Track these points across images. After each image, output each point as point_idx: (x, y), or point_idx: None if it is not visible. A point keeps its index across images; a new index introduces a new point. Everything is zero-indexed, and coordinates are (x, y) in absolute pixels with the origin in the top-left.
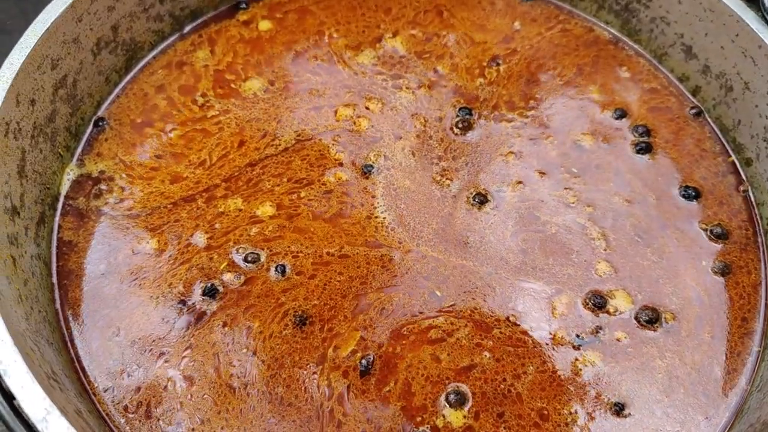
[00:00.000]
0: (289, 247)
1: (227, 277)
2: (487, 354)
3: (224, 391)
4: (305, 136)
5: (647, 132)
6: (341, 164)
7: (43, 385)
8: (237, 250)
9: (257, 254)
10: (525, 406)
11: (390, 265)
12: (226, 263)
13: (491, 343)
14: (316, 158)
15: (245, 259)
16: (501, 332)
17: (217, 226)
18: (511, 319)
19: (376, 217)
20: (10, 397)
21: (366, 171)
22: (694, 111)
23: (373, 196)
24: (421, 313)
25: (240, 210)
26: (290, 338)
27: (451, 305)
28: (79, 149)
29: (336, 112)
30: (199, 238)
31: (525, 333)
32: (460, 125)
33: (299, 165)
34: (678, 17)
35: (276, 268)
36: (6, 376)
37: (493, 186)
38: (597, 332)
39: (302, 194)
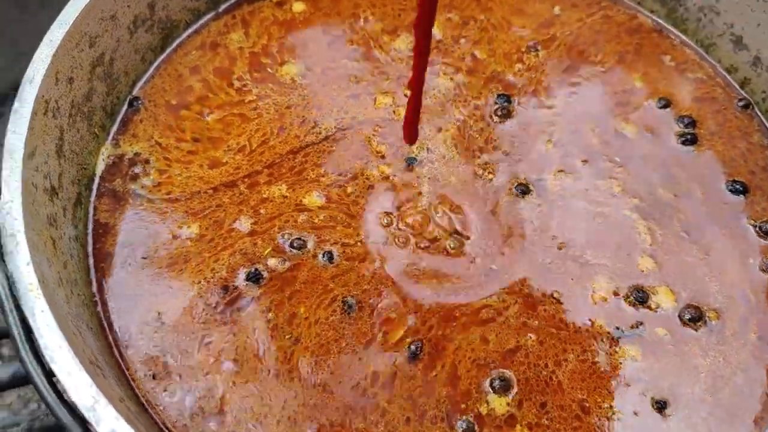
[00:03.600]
0: (338, 236)
1: (272, 262)
2: (532, 336)
3: (267, 377)
4: (345, 125)
5: (692, 123)
6: (383, 156)
7: (89, 371)
8: (283, 236)
9: (304, 240)
10: (566, 396)
11: (439, 254)
12: (270, 248)
13: (536, 322)
14: (358, 149)
15: (291, 245)
16: (545, 310)
17: (262, 211)
18: (555, 295)
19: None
20: (53, 384)
21: (409, 163)
22: (742, 103)
23: (420, 193)
24: (473, 291)
25: (285, 197)
26: (337, 324)
27: (500, 281)
28: (114, 129)
29: (375, 100)
30: (243, 224)
31: (567, 314)
32: (499, 113)
33: (341, 156)
34: (728, 7)
35: (323, 254)
36: (53, 362)
37: (534, 175)
38: (637, 326)
39: (349, 190)
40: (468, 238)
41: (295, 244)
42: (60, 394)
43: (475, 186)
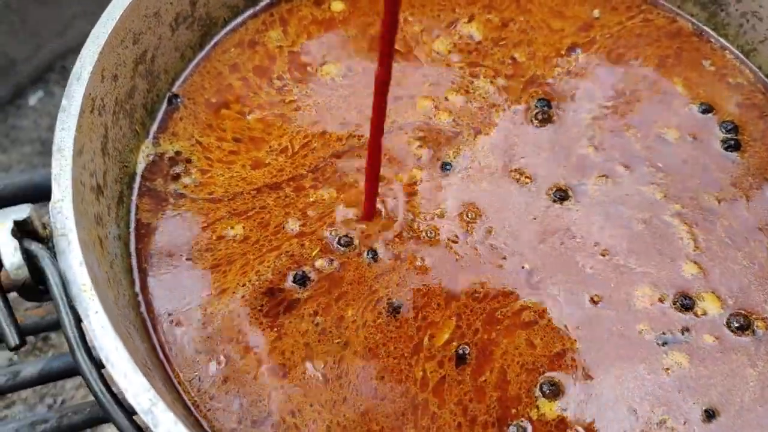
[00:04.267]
0: (379, 236)
1: (319, 263)
2: (575, 339)
3: (316, 383)
4: (386, 129)
5: (735, 129)
6: (420, 158)
7: (144, 373)
8: (330, 233)
9: (350, 237)
10: (616, 401)
11: (476, 257)
12: (318, 249)
13: (578, 329)
14: (397, 153)
15: (339, 242)
16: (586, 315)
17: (310, 213)
18: (595, 299)
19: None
20: (107, 385)
21: (445, 169)
22: None
23: (452, 197)
24: (512, 293)
25: (334, 199)
26: (384, 327)
27: (538, 283)
28: (155, 127)
29: (416, 103)
30: (291, 225)
31: (612, 319)
32: (539, 117)
33: (383, 162)
34: None
35: (367, 252)
36: (108, 363)
37: (573, 180)
38: (684, 333)
39: (388, 194)
40: (504, 243)
41: (342, 241)
42: (115, 396)
43: (510, 190)
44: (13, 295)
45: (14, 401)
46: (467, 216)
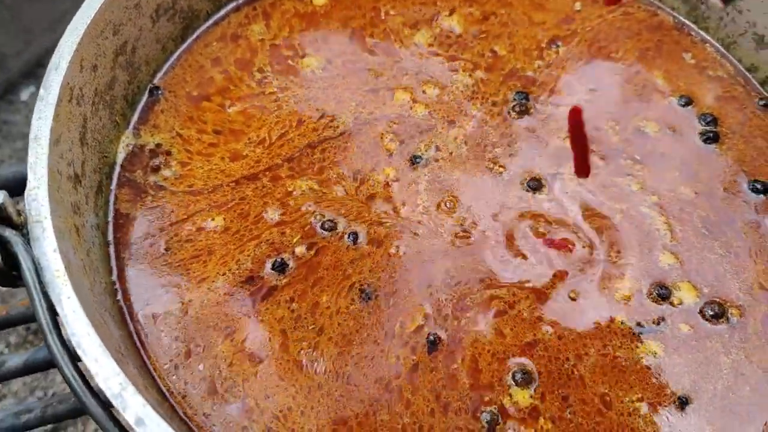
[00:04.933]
0: (368, 220)
1: (299, 250)
2: (549, 329)
3: (291, 368)
4: (362, 120)
5: (714, 121)
6: (391, 155)
7: (116, 358)
8: (315, 217)
9: (335, 222)
10: (588, 390)
11: (447, 245)
12: (299, 236)
13: (552, 318)
14: (370, 146)
15: (322, 227)
16: (561, 307)
17: (291, 203)
18: (571, 295)
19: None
20: (79, 370)
21: (414, 162)
22: (762, 102)
23: (417, 192)
24: (482, 281)
25: (312, 189)
26: (357, 314)
27: (511, 278)
28: (135, 118)
29: (393, 95)
30: (270, 215)
31: (587, 309)
32: (516, 109)
33: (355, 154)
34: (752, 5)
35: (349, 235)
36: (79, 348)
37: (549, 171)
38: (659, 322)
39: (362, 185)
40: (474, 228)
41: (326, 226)
42: (86, 380)
43: (485, 179)
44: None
45: (5, 395)
46: (445, 206)
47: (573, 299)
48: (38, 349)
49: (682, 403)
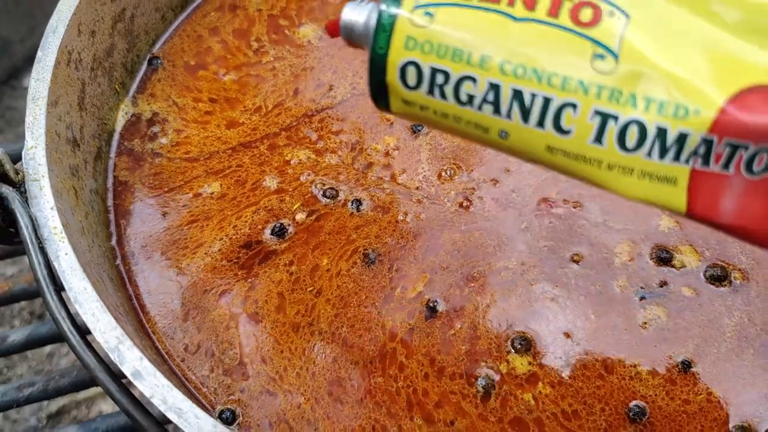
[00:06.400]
0: (369, 187)
1: (299, 216)
2: (552, 297)
3: (287, 330)
4: (359, 90)
5: None
6: (391, 124)
7: (114, 316)
8: (315, 185)
9: (336, 190)
10: (589, 355)
11: (449, 214)
12: (299, 203)
13: (556, 287)
14: (369, 116)
15: (324, 194)
16: (566, 273)
17: (289, 171)
18: (575, 258)
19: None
20: (77, 326)
21: (415, 130)
22: None
23: (419, 160)
24: (488, 251)
25: (310, 159)
26: (357, 277)
27: (519, 246)
28: (134, 87)
29: None
30: (268, 183)
31: (589, 276)
32: None
33: (354, 123)
34: None
35: (352, 202)
36: (77, 303)
37: None
38: (662, 286)
39: (362, 155)
40: (478, 196)
41: (328, 194)
42: (85, 338)
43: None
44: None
45: (10, 378)
46: (446, 173)
47: (578, 262)
48: (40, 324)
49: (685, 367)
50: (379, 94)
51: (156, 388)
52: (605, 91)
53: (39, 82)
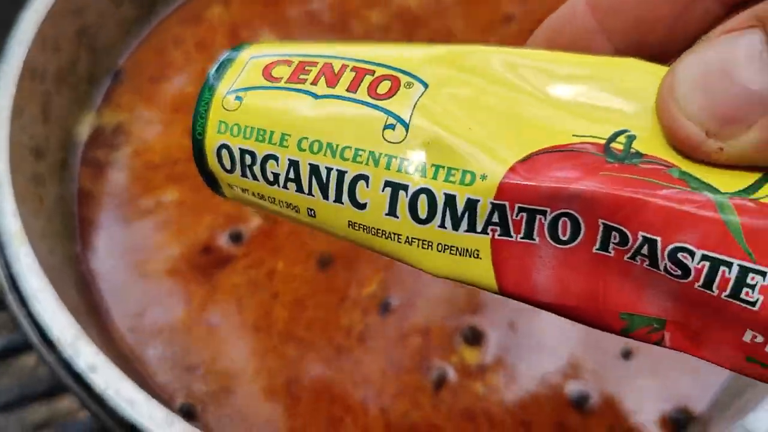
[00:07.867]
0: None
1: (256, 222)
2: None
3: (246, 334)
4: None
5: None
6: None
7: (74, 315)
8: None
9: None
10: (538, 345)
11: None
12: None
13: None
14: None
15: None
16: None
17: None
18: None
19: None
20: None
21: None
22: None
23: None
24: None
25: None
26: (312, 279)
27: None
28: (99, 99)
29: None
30: None
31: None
32: None
33: None
34: None
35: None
36: (36, 301)
37: None
38: None
39: None
40: None
41: None
42: (46, 337)
43: None
44: None
45: None
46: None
47: None
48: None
49: (625, 355)
50: (209, 181)
51: (111, 381)
52: (395, 161)
53: (2, 93)
